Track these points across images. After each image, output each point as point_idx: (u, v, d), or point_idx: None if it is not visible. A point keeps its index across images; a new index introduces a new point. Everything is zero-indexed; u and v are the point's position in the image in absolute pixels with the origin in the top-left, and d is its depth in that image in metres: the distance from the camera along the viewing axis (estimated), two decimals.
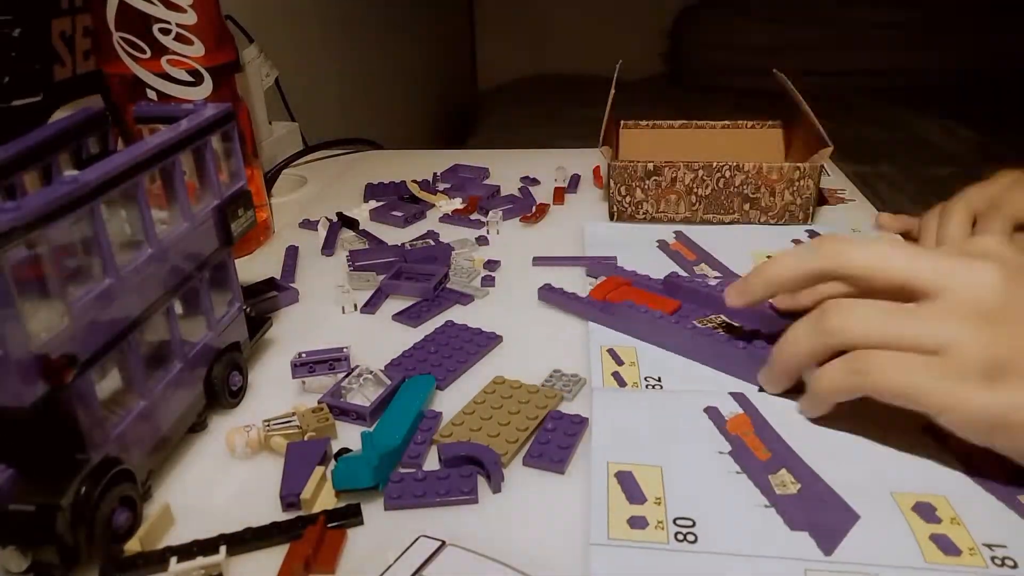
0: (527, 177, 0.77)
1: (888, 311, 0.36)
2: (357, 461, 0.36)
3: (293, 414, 0.41)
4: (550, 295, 0.53)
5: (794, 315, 0.41)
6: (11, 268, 0.27)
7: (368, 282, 0.57)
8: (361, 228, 0.67)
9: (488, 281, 0.57)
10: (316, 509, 0.36)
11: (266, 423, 0.40)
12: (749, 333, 0.47)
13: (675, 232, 0.63)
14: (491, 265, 0.59)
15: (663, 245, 0.61)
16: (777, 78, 0.72)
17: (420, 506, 0.35)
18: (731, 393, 0.42)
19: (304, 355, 0.45)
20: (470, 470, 0.36)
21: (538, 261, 0.59)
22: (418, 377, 0.44)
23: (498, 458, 0.37)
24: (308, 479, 0.36)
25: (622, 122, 0.78)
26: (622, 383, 0.43)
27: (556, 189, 0.74)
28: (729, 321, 0.49)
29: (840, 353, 0.37)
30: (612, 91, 0.69)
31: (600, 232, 0.63)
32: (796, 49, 2.35)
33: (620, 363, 0.45)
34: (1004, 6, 2.31)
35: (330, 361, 0.45)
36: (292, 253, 0.62)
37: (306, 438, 0.40)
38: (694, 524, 0.33)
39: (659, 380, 0.44)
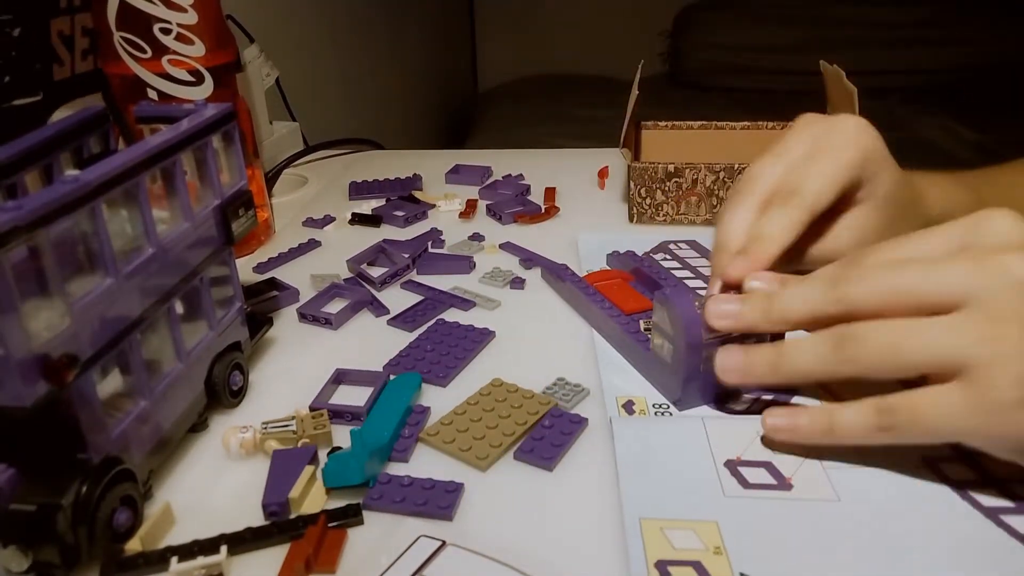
0: (527, 177, 0.77)
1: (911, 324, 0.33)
2: (347, 459, 0.36)
3: (293, 418, 0.41)
4: (548, 274, 0.54)
5: None
6: (12, 267, 0.27)
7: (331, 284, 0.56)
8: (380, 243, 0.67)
9: (518, 284, 0.56)
10: (305, 509, 0.35)
11: (264, 425, 0.40)
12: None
13: (663, 243, 0.62)
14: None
15: (648, 258, 0.59)
16: (826, 70, 0.69)
17: (397, 512, 0.35)
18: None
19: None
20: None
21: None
22: (404, 375, 0.44)
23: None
24: (291, 488, 0.36)
25: (641, 123, 0.76)
26: (630, 411, 0.42)
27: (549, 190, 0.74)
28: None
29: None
30: (635, 92, 0.67)
31: (593, 242, 0.62)
32: (796, 49, 2.35)
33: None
34: (1005, 5, 2.31)
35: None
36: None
37: (300, 444, 0.39)
38: None
39: (667, 407, 0.42)
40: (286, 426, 0.40)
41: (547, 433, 0.40)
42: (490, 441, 0.39)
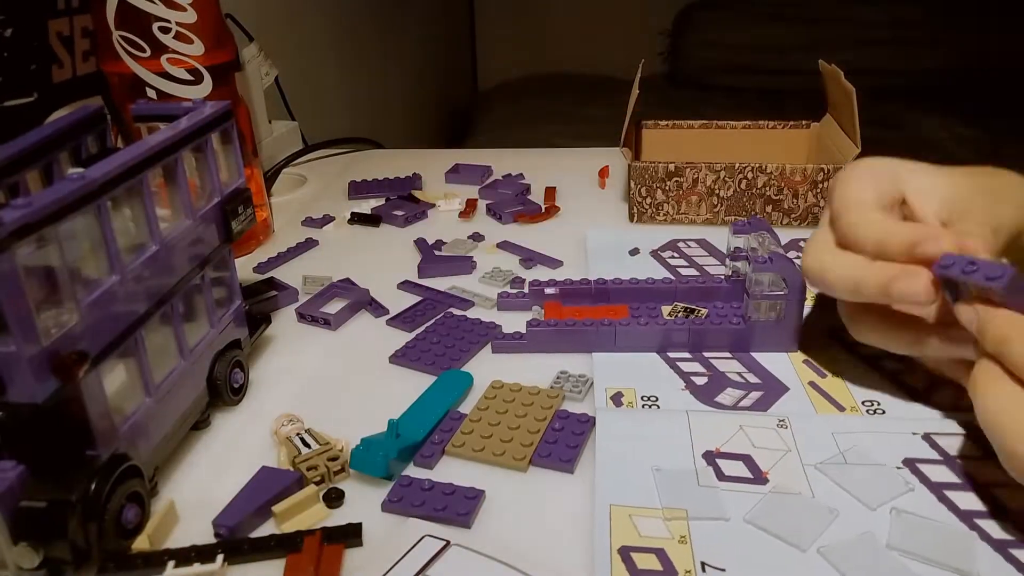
0: (527, 176, 0.77)
1: None
2: (377, 448, 0.37)
3: (331, 447, 0.39)
4: (504, 344, 0.48)
5: None
6: (23, 265, 0.27)
7: (322, 286, 0.56)
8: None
9: (518, 284, 0.56)
10: (300, 525, 0.34)
11: (307, 430, 0.40)
12: (722, 311, 0.49)
13: (677, 240, 0.62)
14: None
15: (656, 255, 0.60)
16: (825, 70, 0.68)
17: (415, 515, 0.35)
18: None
19: None
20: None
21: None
22: (456, 372, 0.44)
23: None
24: (254, 510, 0.35)
25: (643, 122, 0.75)
26: (619, 403, 0.42)
27: (547, 190, 0.74)
28: (688, 306, 0.50)
29: None
30: (636, 91, 0.67)
31: (600, 239, 0.62)
32: (796, 48, 2.35)
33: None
34: (1004, 4, 2.31)
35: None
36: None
37: (307, 473, 0.37)
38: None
39: (656, 400, 0.43)
40: (324, 450, 0.39)
41: (559, 436, 0.39)
42: (520, 441, 0.39)
